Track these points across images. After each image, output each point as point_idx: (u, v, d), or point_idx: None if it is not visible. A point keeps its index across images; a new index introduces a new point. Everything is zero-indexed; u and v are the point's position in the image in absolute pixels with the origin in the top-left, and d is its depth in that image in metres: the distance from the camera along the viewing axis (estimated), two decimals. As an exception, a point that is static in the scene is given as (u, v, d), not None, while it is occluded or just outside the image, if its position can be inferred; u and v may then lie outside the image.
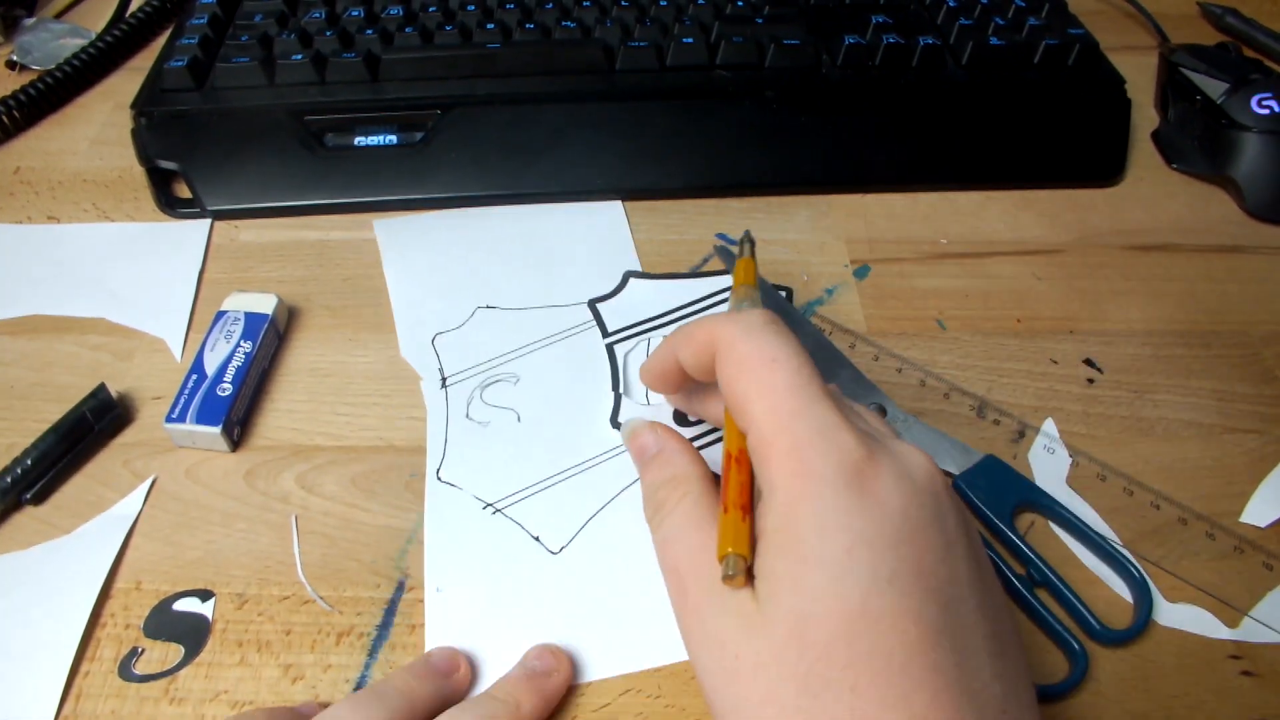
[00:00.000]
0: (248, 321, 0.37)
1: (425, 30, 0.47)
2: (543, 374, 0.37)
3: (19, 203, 0.45)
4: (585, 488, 0.34)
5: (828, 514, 0.22)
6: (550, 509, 0.33)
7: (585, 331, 0.39)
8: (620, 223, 0.44)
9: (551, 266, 0.41)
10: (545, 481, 0.34)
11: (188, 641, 0.30)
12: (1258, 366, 0.38)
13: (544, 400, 0.37)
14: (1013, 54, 0.47)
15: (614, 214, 0.44)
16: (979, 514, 0.33)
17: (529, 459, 0.35)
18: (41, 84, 0.49)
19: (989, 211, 0.45)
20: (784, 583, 0.22)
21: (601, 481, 0.34)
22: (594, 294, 0.40)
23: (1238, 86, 0.46)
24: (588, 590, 0.31)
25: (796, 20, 0.49)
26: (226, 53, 0.47)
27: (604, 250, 0.42)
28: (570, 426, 0.36)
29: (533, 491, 0.34)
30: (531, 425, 0.36)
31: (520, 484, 0.34)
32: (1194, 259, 0.43)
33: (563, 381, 0.37)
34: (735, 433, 0.26)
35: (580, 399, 0.37)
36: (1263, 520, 0.33)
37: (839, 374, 0.37)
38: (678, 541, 0.26)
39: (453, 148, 0.45)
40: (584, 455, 0.35)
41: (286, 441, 0.36)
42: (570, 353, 0.38)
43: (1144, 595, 0.31)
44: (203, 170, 0.44)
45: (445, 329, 0.39)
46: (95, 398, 0.35)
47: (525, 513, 0.33)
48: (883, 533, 0.22)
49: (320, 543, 0.33)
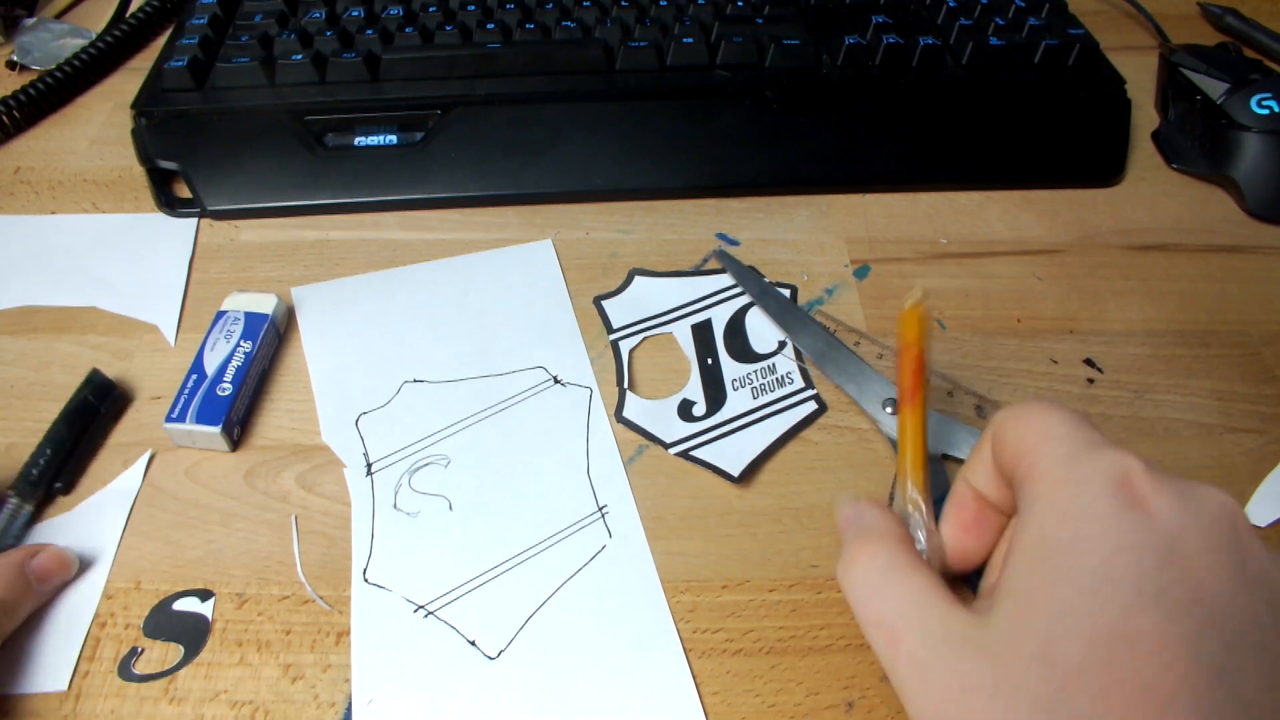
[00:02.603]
0: (248, 321, 0.37)
1: (425, 30, 0.47)
2: (476, 454, 0.35)
3: (19, 203, 0.45)
4: (523, 582, 0.31)
5: (1089, 521, 0.20)
6: (486, 609, 0.31)
7: (522, 402, 0.36)
8: (552, 265, 0.41)
9: (484, 328, 0.39)
10: (480, 578, 0.32)
11: (187, 641, 0.30)
12: (1258, 366, 0.38)
13: (477, 484, 0.34)
14: (1013, 54, 0.47)
15: (545, 254, 0.42)
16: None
17: (462, 553, 0.32)
18: (41, 84, 0.49)
19: (989, 211, 0.45)
20: (1033, 597, 0.20)
21: (541, 574, 0.32)
22: (532, 361, 0.38)
23: (1238, 86, 0.46)
24: (531, 698, 0.29)
25: (796, 20, 0.49)
26: (226, 53, 0.47)
27: (538, 301, 0.40)
28: (505, 513, 0.33)
29: (467, 590, 0.31)
30: (464, 514, 0.33)
31: (453, 582, 0.31)
32: (1194, 259, 0.43)
33: (498, 461, 0.35)
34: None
35: (516, 479, 0.34)
36: (1263, 520, 0.33)
37: (849, 369, 0.37)
38: (880, 592, 0.23)
39: (453, 148, 0.45)
40: (521, 545, 0.32)
41: (286, 441, 0.36)
42: (503, 427, 0.36)
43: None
44: (203, 170, 0.44)
45: (370, 408, 0.36)
46: (91, 382, 0.35)
47: (459, 614, 0.31)
48: (1151, 545, 0.19)
49: (320, 542, 0.33)
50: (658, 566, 0.32)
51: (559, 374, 0.37)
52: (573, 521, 0.33)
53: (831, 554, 0.32)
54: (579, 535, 0.33)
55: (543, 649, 0.30)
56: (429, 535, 0.33)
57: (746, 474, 0.34)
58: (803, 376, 0.37)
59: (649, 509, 0.33)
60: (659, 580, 0.32)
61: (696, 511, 0.34)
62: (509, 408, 0.36)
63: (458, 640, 0.30)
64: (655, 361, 0.38)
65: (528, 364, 0.38)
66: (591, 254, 0.42)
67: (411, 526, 0.33)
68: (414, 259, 0.42)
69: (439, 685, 0.29)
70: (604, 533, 0.33)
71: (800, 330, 0.38)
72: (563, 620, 0.31)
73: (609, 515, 0.33)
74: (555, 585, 0.32)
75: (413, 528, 0.33)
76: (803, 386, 0.37)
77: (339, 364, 0.38)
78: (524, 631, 0.30)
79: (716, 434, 0.35)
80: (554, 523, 0.33)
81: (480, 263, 0.42)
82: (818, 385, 0.37)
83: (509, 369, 0.38)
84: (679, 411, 0.36)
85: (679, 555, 0.32)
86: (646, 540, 0.33)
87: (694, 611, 0.31)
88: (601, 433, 0.36)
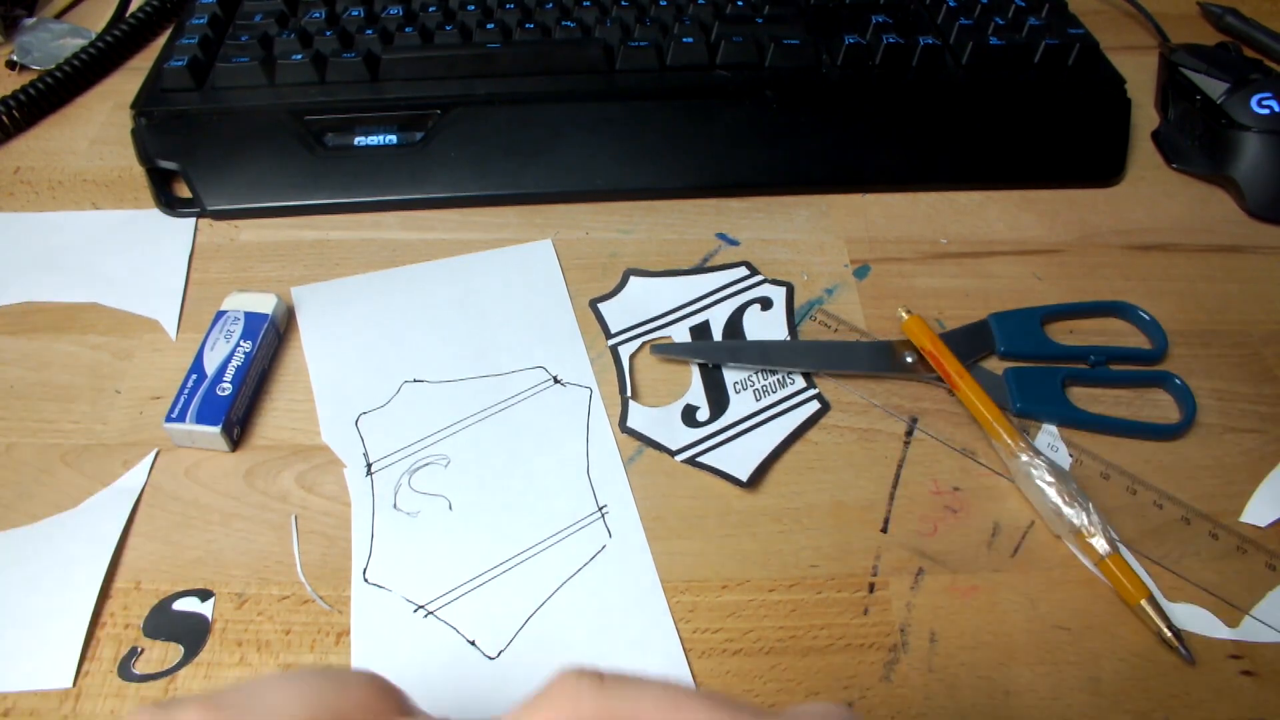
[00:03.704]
0: (247, 321, 0.37)
1: (425, 30, 0.47)
2: (475, 454, 0.35)
3: (19, 203, 0.45)
4: (523, 582, 0.31)
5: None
6: (486, 609, 0.31)
7: (522, 402, 0.36)
8: (552, 265, 0.41)
9: (484, 328, 0.39)
10: (480, 578, 0.31)
11: (187, 641, 0.30)
12: (1258, 366, 0.38)
13: (477, 484, 0.34)
14: (1013, 54, 0.47)
15: (545, 254, 0.42)
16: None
17: (462, 553, 0.32)
18: (41, 84, 0.49)
19: (989, 211, 0.45)
20: None
21: (541, 574, 0.32)
22: (532, 361, 0.38)
23: (1238, 86, 0.46)
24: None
25: (796, 20, 0.49)
26: (226, 53, 0.47)
27: (538, 301, 0.40)
28: (505, 513, 0.33)
29: (467, 590, 0.31)
30: (464, 513, 0.33)
31: (453, 582, 0.31)
32: (1194, 259, 0.43)
33: (497, 461, 0.34)
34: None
35: (515, 479, 0.34)
36: (1263, 520, 0.33)
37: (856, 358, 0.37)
38: None
39: (452, 148, 0.45)
40: (521, 545, 0.32)
41: (286, 441, 0.36)
42: (503, 427, 0.35)
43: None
44: (203, 170, 0.44)
45: (370, 408, 0.36)
46: None
47: (459, 614, 0.31)
48: None
49: (320, 542, 0.33)
50: (658, 566, 0.32)
51: (559, 374, 0.37)
52: (573, 521, 0.33)
53: (831, 554, 0.32)
54: (579, 535, 0.33)
55: (543, 649, 0.30)
56: (429, 535, 0.33)
57: (755, 477, 0.34)
58: (804, 376, 0.37)
59: (649, 509, 0.33)
60: (659, 580, 0.32)
61: (696, 511, 0.34)
62: (509, 408, 0.36)
63: (457, 640, 0.30)
64: (656, 367, 0.38)
65: (527, 364, 0.38)
66: (591, 254, 0.42)
67: (411, 526, 0.33)
68: (414, 259, 0.42)
69: (440, 687, 0.29)
70: (604, 533, 0.33)
71: (794, 360, 0.38)
72: (563, 620, 0.31)
73: (609, 515, 0.33)
74: (555, 585, 0.31)
75: (412, 528, 0.33)
76: (805, 386, 0.37)
77: (339, 364, 0.38)
78: (524, 631, 0.30)
79: (722, 438, 0.35)
80: (554, 523, 0.33)
81: (480, 262, 0.42)
82: (819, 384, 0.37)
83: (509, 369, 0.37)
84: (683, 418, 0.36)
85: (679, 555, 0.32)
86: (646, 540, 0.33)
87: (694, 611, 0.31)
88: (601, 433, 0.35)
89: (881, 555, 0.32)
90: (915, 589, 0.32)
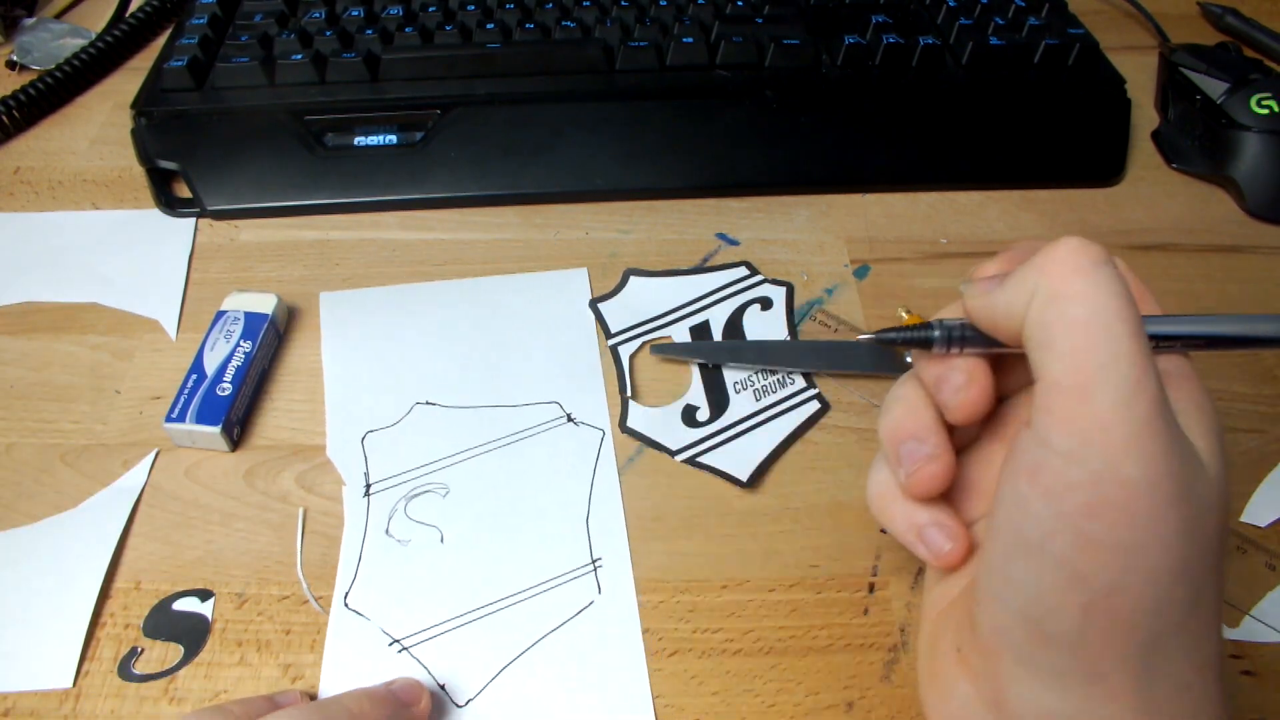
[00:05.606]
0: (247, 321, 0.37)
1: (425, 30, 0.47)
2: (476, 486, 0.34)
3: (19, 203, 0.45)
4: (504, 629, 0.30)
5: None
6: (462, 652, 0.30)
7: (531, 437, 0.35)
8: (583, 295, 0.40)
9: (505, 356, 0.38)
10: (461, 618, 0.30)
11: (187, 641, 0.30)
12: (1258, 366, 0.38)
13: (473, 518, 0.33)
14: (1013, 54, 0.47)
15: (579, 283, 0.41)
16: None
17: (445, 589, 0.31)
18: (41, 84, 0.49)
19: (989, 211, 0.45)
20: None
21: (523, 623, 0.30)
22: (548, 395, 0.36)
23: (1238, 86, 0.46)
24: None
25: (796, 20, 0.49)
26: (226, 53, 0.47)
27: (564, 332, 0.38)
28: (495, 553, 0.32)
29: (445, 629, 0.30)
30: (454, 548, 0.32)
31: (433, 619, 0.30)
32: (1194, 259, 0.43)
33: (497, 497, 0.33)
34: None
35: (512, 517, 0.33)
36: (1263, 520, 0.33)
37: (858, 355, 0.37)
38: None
39: (452, 148, 0.45)
40: (507, 589, 0.31)
41: (286, 441, 0.36)
42: (509, 461, 0.34)
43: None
44: (203, 170, 0.44)
45: (378, 426, 0.35)
46: None
47: (434, 654, 0.30)
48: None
49: (320, 543, 0.33)
50: (658, 566, 0.32)
51: (573, 411, 0.36)
52: (564, 571, 0.32)
53: (831, 554, 0.32)
54: (568, 587, 0.31)
55: (511, 705, 0.29)
56: (416, 566, 0.32)
57: (755, 478, 0.34)
58: (804, 376, 0.37)
59: (649, 508, 0.33)
60: (643, 648, 0.30)
61: (696, 511, 0.34)
62: (517, 441, 0.35)
63: (428, 681, 0.29)
64: (656, 367, 0.38)
65: (543, 398, 0.36)
66: (591, 254, 0.42)
67: (400, 555, 0.32)
68: (414, 259, 0.42)
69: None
70: (594, 588, 0.31)
71: (793, 360, 0.38)
72: (537, 675, 0.29)
73: (601, 570, 0.32)
74: (535, 637, 0.30)
75: (401, 556, 0.32)
76: (805, 386, 0.37)
77: (355, 376, 0.37)
78: (496, 682, 0.29)
79: (722, 439, 0.35)
80: (544, 570, 0.32)
81: (511, 285, 0.41)
82: (819, 384, 0.37)
83: (523, 400, 0.36)
84: (683, 418, 0.36)
85: (679, 555, 0.32)
86: (636, 602, 0.31)
87: (694, 611, 0.31)
88: (608, 480, 0.34)
89: (881, 555, 0.32)
90: (915, 589, 0.31)
